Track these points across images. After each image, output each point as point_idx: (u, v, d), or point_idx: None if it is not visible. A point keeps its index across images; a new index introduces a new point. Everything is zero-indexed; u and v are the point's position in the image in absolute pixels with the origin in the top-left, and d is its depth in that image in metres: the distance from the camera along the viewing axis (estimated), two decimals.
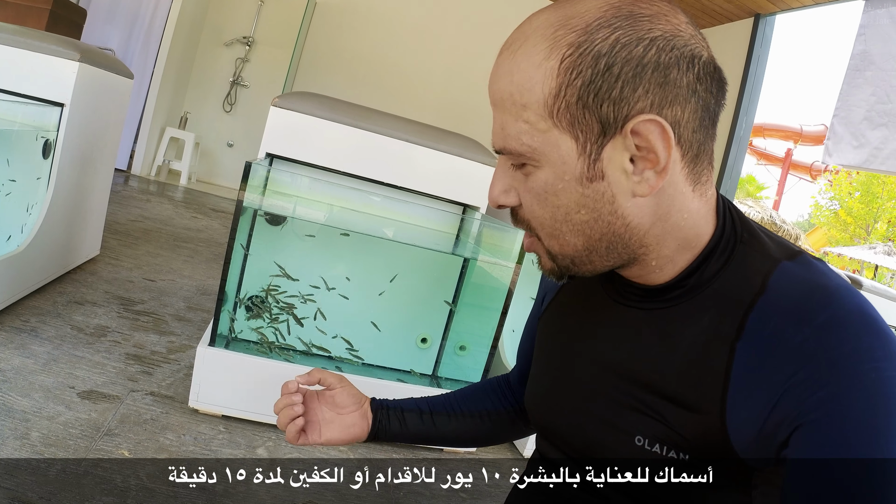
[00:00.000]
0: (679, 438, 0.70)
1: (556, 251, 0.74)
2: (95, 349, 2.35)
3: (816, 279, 0.67)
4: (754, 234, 0.74)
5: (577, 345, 0.85)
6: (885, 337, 0.61)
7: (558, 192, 0.69)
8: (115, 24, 6.66)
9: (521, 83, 0.66)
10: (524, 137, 0.68)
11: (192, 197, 6.60)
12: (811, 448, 0.59)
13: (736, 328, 0.68)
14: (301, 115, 2.29)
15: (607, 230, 0.70)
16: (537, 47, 0.65)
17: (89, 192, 3.12)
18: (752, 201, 14.14)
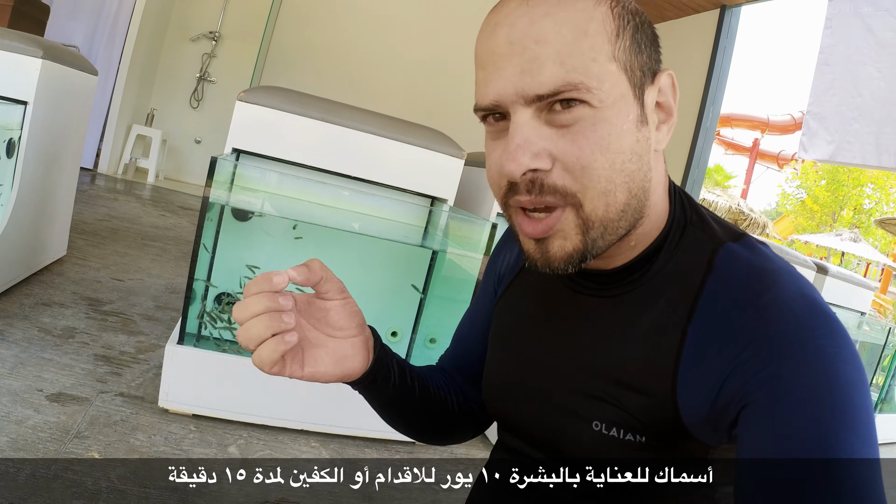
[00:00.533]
0: (635, 421, 0.71)
1: (600, 214, 0.67)
2: (63, 351, 2.33)
3: (759, 261, 0.69)
4: (702, 216, 0.76)
5: (534, 334, 0.85)
6: (826, 316, 0.63)
7: (622, 134, 0.66)
8: (80, 20, 6.56)
9: (578, 20, 0.64)
10: (592, 69, 0.64)
11: (159, 195, 6.53)
12: (759, 426, 0.60)
13: (688, 312, 0.69)
14: (267, 109, 2.28)
15: (641, 185, 0.69)
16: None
17: (55, 192, 3.08)
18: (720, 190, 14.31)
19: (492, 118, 0.70)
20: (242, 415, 2.17)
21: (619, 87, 0.65)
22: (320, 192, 2.43)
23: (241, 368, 2.15)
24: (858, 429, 0.58)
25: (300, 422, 2.23)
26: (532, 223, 0.68)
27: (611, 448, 0.73)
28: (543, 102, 0.64)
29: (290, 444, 2.14)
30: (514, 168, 0.64)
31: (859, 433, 0.57)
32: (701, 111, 6.81)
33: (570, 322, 0.81)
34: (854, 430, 0.57)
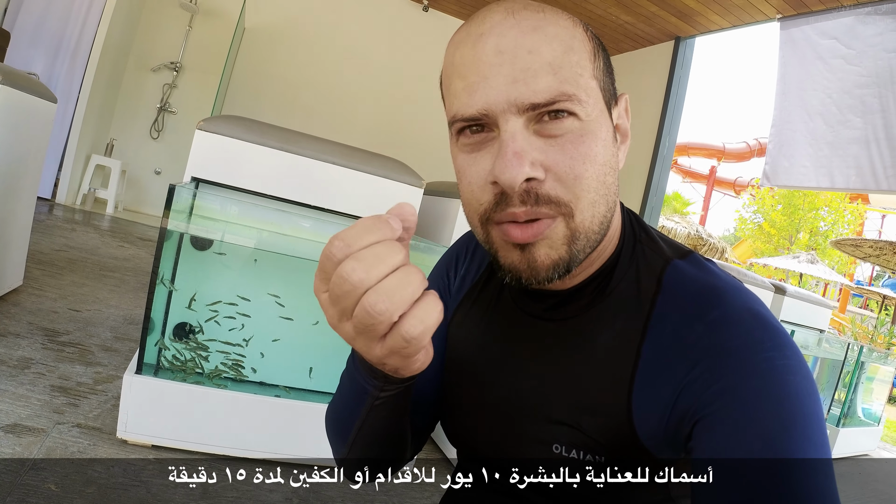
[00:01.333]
0: (593, 443, 0.72)
1: (587, 225, 0.68)
2: (19, 382, 2.29)
3: (707, 278, 0.71)
4: (649, 234, 0.79)
5: (492, 361, 0.85)
6: (774, 329, 0.65)
7: (605, 147, 0.68)
8: (40, 48, 6.52)
9: (565, 36, 0.66)
10: (581, 81, 0.66)
11: (118, 226, 6.46)
12: (712, 440, 0.61)
13: (640, 332, 0.71)
14: (227, 138, 2.28)
15: (614, 200, 0.71)
16: (560, 14, 0.69)
17: (10, 221, 3.04)
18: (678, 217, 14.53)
19: (469, 130, 0.68)
20: (203, 445, 2.15)
21: (598, 103, 0.68)
22: (281, 222, 2.44)
23: (200, 398, 2.14)
24: (811, 436, 0.59)
25: (263, 451, 2.22)
26: (521, 228, 0.66)
27: (571, 469, 0.74)
28: (535, 112, 0.64)
29: (251, 475, 2.12)
30: (512, 175, 0.63)
31: (812, 441, 0.58)
32: (658, 140, 6.95)
33: (527, 347, 0.81)
34: (807, 438, 0.58)
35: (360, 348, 0.60)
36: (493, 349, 0.85)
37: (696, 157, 23.81)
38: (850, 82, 5.15)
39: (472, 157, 0.69)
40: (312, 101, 8.34)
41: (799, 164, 5.51)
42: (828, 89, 5.32)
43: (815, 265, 14.85)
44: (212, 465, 2.11)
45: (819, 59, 5.37)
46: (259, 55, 8.14)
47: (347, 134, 8.06)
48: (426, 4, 8.50)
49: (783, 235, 21.21)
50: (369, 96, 8.55)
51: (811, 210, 20.81)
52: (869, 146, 4.95)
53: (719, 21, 6.53)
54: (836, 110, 5.25)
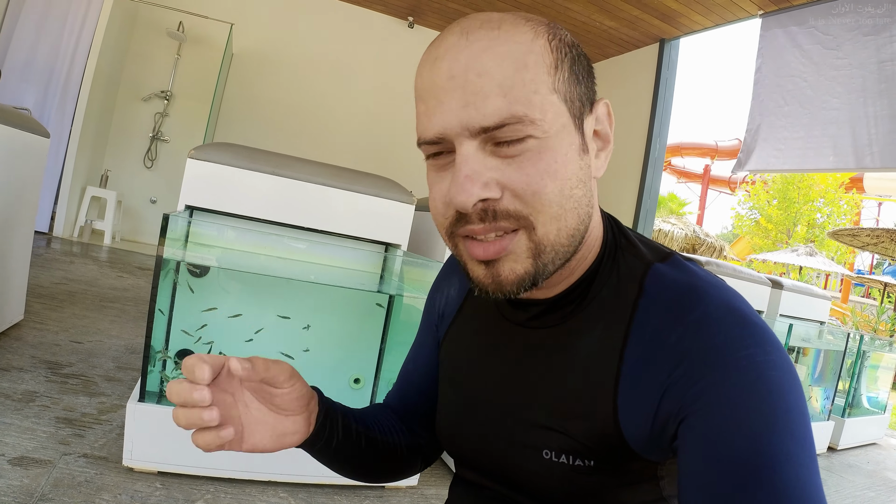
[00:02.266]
0: (582, 447, 0.74)
1: (552, 239, 0.69)
2: (24, 415, 2.31)
3: (687, 279, 0.72)
4: (629, 239, 0.79)
5: (480, 370, 0.87)
6: (754, 326, 0.66)
7: (567, 162, 0.68)
8: (31, 83, 6.56)
9: (518, 54, 0.66)
10: (535, 101, 0.66)
11: (116, 256, 6.49)
12: (696, 438, 0.63)
13: (623, 335, 0.72)
14: (218, 165, 2.31)
15: (586, 211, 0.72)
16: (520, 28, 0.67)
17: (8, 256, 3.07)
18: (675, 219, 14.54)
19: (434, 154, 0.71)
20: (208, 469, 2.17)
21: (560, 117, 0.68)
22: (275, 245, 2.47)
23: None
24: (794, 432, 0.60)
25: (267, 473, 2.24)
26: (483, 246, 0.69)
27: (561, 474, 0.76)
28: (488, 134, 0.65)
29: (258, 497, 2.14)
30: (465, 199, 0.66)
31: (794, 436, 0.59)
32: (648, 142, 6.99)
33: (513, 355, 0.83)
34: (789, 434, 0.59)
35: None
36: (481, 359, 0.88)
37: (690, 156, 23.87)
38: (826, 65, 5.20)
39: (438, 177, 0.72)
40: (302, 123, 8.38)
41: (773, 147, 5.56)
42: (803, 73, 5.37)
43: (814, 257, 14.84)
44: (218, 489, 2.13)
45: (796, 46, 5.43)
46: (248, 80, 8.19)
47: (338, 154, 8.10)
48: (411, 21, 8.56)
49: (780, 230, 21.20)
50: (359, 115, 8.60)
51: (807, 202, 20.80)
52: (847, 126, 4.99)
53: (702, 21, 6.58)
54: (811, 93, 5.30)
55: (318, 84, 8.45)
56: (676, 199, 27.61)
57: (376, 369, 2.63)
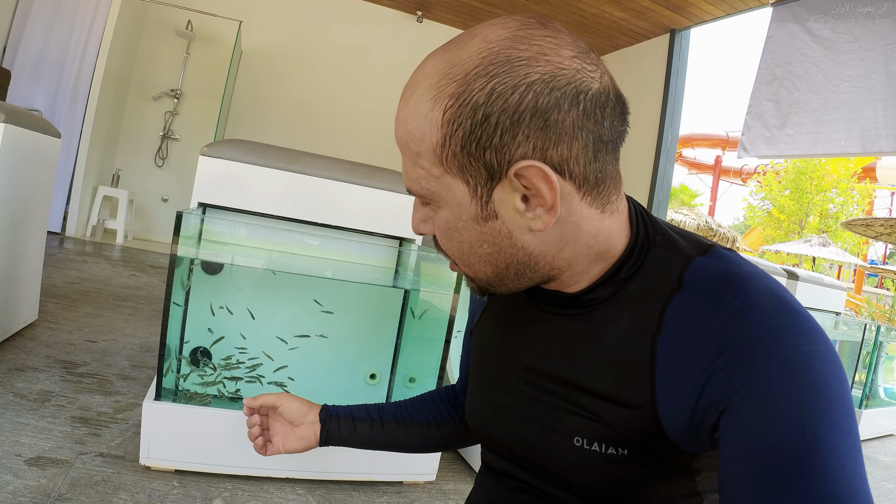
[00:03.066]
0: (616, 435, 0.73)
1: (472, 275, 0.79)
2: (40, 415, 2.31)
3: (728, 267, 0.71)
4: (666, 236, 0.78)
5: (509, 355, 0.88)
6: (798, 315, 0.65)
7: (459, 230, 0.74)
8: (41, 84, 6.59)
9: (413, 132, 0.69)
10: (422, 182, 0.72)
11: (129, 255, 6.51)
12: (739, 427, 0.61)
13: (655, 322, 0.71)
14: (230, 162, 2.30)
15: (511, 260, 0.74)
16: (424, 97, 0.68)
17: (22, 257, 3.07)
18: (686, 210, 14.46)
19: None
20: (225, 467, 2.17)
21: (451, 191, 0.71)
22: (289, 241, 2.46)
23: (220, 420, 2.16)
24: (838, 422, 0.59)
25: (285, 469, 2.23)
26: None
27: (593, 463, 0.75)
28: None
29: (275, 494, 2.14)
30: (412, 227, 0.80)
31: (839, 427, 0.58)
32: (660, 134, 6.95)
33: (542, 340, 0.83)
34: (834, 424, 0.58)
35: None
36: (508, 342, 0.89)
37: (701, 147, 23.75)
38: (836, 49, 5.13)
39: None
40: (312, 119, 8.38)
41: (782, 132, 5.49)
42: (813, 58, 5.31)
43: (827, 248, 14.74)
44: (236, 486, 2.12)
45: (807, 32, 5.37)
46: (257, 77, 8.19)
47: (349, 149, 8.11)
48: (420, 15, 8.53)
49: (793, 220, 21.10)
50: (369, 110, 8.58)
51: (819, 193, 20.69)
52: (858, 110, 4.93)
53: (713, 10, 6.53)
54: (821, 78, 5.24)
55: (327, 80, 8.44)
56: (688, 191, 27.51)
57: (392, 364, 2.62)
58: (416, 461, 2.39)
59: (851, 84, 5.00)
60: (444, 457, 2.60)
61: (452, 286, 2.34)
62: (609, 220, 0.74)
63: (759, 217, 22.77)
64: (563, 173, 0.67)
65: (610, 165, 0.71)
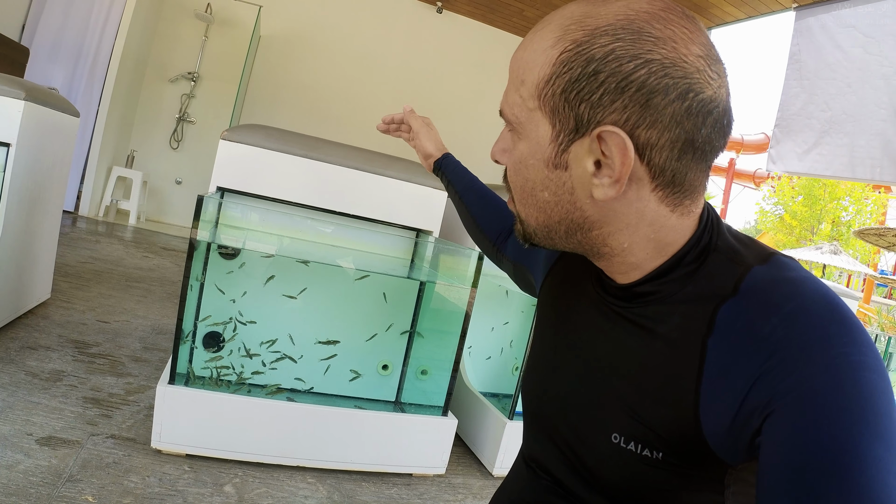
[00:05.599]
0: (653, 436, 0.72)
1: (523, 218, 0.80)
2: (52, 394, 2.31)
3: (785, 274, 0.69)
4: (728, 243, 0.76)
5: (565, 334, 0.89)
6: (850, 324, 0.63)
7: (529, 167, 0.75)
8: (59, 63, 6.59)
9: (528, 61, 0.72)
10: (516, 109, 0.74)
11: (142, 236, 6.51)
12: (784, 432, 0.60)
13: (706, 324, 0.70)
14: (251, 147, 2.29)
15: (565, 216, 0.75)
16: (551, 34, 0.70)
17: (38, 235, 3.07)
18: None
19: None
20: (237, 453, 2.16)
21: (537, 128, 0.72)
22: (305, 229, 2.45)
23: (234, 406, 2.15)
24: (883, 436, 0.57)
25: (296, 458, 2.22)
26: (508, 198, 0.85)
27: (626, 462, 0.74)
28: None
29: (286, 481, 2.13)
30: (491, 154, 0.83)
31: (884, 441, 0.57)
32: None
33: (596, 326, 0.83)
34: (879, 438, 0.57)
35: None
36: (567, 319, 0.90)
37: None
38: (870, 72, 5.06)
39: None
40: (330, 107, 8.36)
41: (815, 151, 5.43)
42: (847, 79, 5.23)
43: (838, 256, 14.64)
44: (247, 473, 2.11)
45: (837, 48, 5.30)
46: (275, 62, 8.17)
47: (365, 138, 8.06)
48: (440, 6, 8.51)
49: (805, 227, 21.03)
50: (387, 99, 8.56)
51: (832, 200, 20.59)
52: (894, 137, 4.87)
53: (734, 12, 6.48)
54: (855, 100, 5.17)
55: (345, 68, 8.42)
56: None
57: (405, 356, 2.61)
58: (426, 454, 2.38)
59: (888, 111, 4.94)
60: (454, 451, 2.59)
61: (470, 280, 2.32)
62: (676, 220, 0.74)
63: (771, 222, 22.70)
64: (643, 156, 0.68)
65: (693, 172, 0.71)
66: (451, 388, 2.40)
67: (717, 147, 0.70)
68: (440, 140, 1.45)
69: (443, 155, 1.42)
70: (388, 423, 2.34)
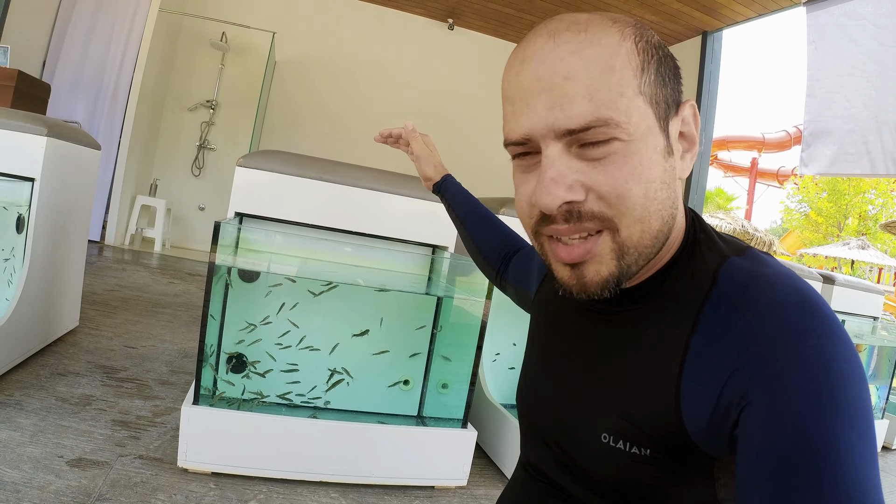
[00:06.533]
0: (641, 434, 0.74)
1: (635, 240, 0.71)
2: (81, 418, 2.38)
3: (759, 268, 0.71)
4: (708, 235, 0.79)
5: (555, 341, 0.91)
6: (823, 316, 0.64)
7: (652, 165, 0.69)
8: (80, 97, 6.74)
9: (601, 57, 0.67)
10: (621, 104, 0.67)
11: (167, 263, 6.61)
12: (758, 424, 0.62)
13: (691, 324, 0.72)
14: (266, 172, 2.35)
15: (670, 213, 0.73)
16: (607, 30, 0.68)
17: (64, 265, 3.15)
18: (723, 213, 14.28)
19: (520, 155, 0.74)
20: (261, 470, 2.21)
21: (646, 119, 0.69)
22: (323, 250, 2.50)
23: (257, 425, 2.20)
24: (856, 426, 0.59)
25: (319, 473, 2.26)
26: (567, 249, 0.72)
27: (617, 461, 0.76)
28: (574, 136, 0.67)
29: (309, 497, 2.17)
30: (550, 201, 0.68)
31: (857, 430, 0.58)
32: None
33: (585, 332, 0.85)
34: (852, 427, 0.58)
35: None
36: (559, 327, 0.92)
37: (736, 150, 23.42)
38: (886, 65, 5.02)
39: (524, 177, 0.75)
40: (347, 127, 8.45)
41: (843, 151, 5.37)
42: (865, 73, 5.18)
43: (866, 250, 14.40)
44: (271, 489, 2.16)
45: (852, 41, 5.25)
46: (291, 87, 8.29)
47: (383, 158, 8.16)
48: (451, 22, 8.58)
49: (831, 223, 20.77)
50: (402, 118, 8.54)
51: (857, 194, 20.32)
52: None
53: (744, 11, 6.49)
54: (874, 94, 5.12)
55: (360, 88, 8.51)
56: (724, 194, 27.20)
57: (425, 371, 2.65)
58: (447, 466, 2.41)
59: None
60: (476, 462, 2.61)
61: (484, 293, 2.36)
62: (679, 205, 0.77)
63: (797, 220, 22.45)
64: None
65: None
66: (470, 401, 2.43)
67: None
68: (440, 161, 1.46)
69: (442, 177, 1.44)
70: (408, 436, 2.37)
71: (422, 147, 1.47)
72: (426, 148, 1.47)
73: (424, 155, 1.46)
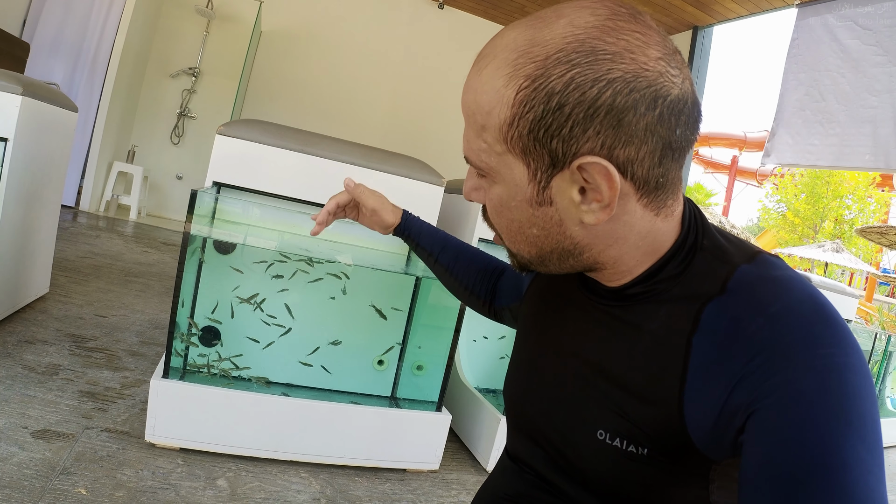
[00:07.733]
0: (639, 432, 0.72)
1: (514, 252, 0.81)
2: (48, 388, 2.32)
3: (770, 272, 0.70)
4: (715, 242, 0.76)
5: (550, 336, 0.89)
6: (836, 324, 0.63)
7: (511, 209, 0.74)
8: (59, 58, 6.59)
9: (482, 104, 0.69)
10: (483, 155, 0.72)
11: (142, 231, 6.52)
12: (766, 431, 0.61)
13: (691, 322, 0.70)
14: (247, 142, 2.29)
15: (557, 246, 0.75)
16: (499, 72, 0.67)
17: (36, 229, 3.07)
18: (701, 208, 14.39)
19: None
20: (230, 447, 2.17)
21: (511, 171, 0.71)
22: (301, 223, 2.45)
23: (227, 401, 2.15)
24: (866, 440, 0.58)
25: (289, 452, 2.23)
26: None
27: (612, 458, 0.75)
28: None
29: (279, 476, 2.13)
30: (464, 193, 0.81)
31: (867, 444, 0.58)
32: None
33: (581, 326, 0.84)
34: (862, 441, 0.58)
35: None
36: (553, 319, 0.90)
37: (718, 147, 23.64)
38: (865, 62, 5.07)
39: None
40: (330, 102, 8.37)
41: (806, 142, 5.44)
42: (841, 69, 5.25)
43: (840, 254, 14.57)
44: (240, 467, 2.12)
45: (834, 40, 5.31)
46: (276, 58, 8.17)
47: (366, 134, 8.10)
48: (441, 2, 8.50)
49: (807, 224, 21.00)
50: (387, 95, 8.57)
51: (835, 198, 20.56)
52: (885, 125, 4.88)
53: (737, 9, 6.48)
54: (848, 89, 5.18)
55: (346, 64, 8.42)
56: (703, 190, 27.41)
57: (400, 352, 2.61)
58: (420, 450, 2.39)
59: (879, 99, 4.94)
60: (448, 446, 2.59)
61: None
62: (662, 223, 0.74)
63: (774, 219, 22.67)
64: (626, 174, 0.67)
65: (672, 171, 0.71)
66: (445, 384, 2.41)
67: (691, 140, 0.70)
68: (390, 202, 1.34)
69: (402, 217, 1.32)
70: (381, 418, 2.34)
71: (374, 197, 1.31)
72: (376, 194, 1.32)
73: (379, 204, 1.30)
